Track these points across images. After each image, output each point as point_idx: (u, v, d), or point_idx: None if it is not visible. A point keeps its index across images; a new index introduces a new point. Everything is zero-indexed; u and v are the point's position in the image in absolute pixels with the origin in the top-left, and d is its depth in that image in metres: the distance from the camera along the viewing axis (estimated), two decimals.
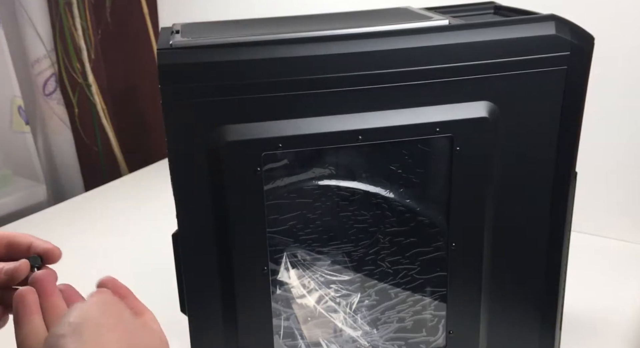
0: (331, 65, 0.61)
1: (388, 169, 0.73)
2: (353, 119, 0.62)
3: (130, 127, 1.61)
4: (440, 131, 0.64)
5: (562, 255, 0.71)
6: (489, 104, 0.64)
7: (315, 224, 0.76)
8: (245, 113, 0.61)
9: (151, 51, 1.57)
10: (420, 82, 0.62)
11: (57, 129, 1.48)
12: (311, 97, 0.61)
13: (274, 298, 0.73)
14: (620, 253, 1.07)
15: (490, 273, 0.70)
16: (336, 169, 0.74)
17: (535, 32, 0.63)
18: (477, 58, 0.62)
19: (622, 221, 1.09)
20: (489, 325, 0.72)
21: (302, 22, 0.71)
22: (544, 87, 0.64)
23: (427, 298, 0.75)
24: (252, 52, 0.60)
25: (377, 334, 0.75)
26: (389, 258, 0.75)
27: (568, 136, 0.67)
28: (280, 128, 0.61)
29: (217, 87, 0.60)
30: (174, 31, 0.66)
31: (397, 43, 0.62)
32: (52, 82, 1.45)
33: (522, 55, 0.63)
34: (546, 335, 0.74)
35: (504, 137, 0.65)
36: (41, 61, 1.43)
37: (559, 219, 0.69)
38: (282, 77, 0.60)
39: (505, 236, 0.69)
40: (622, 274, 1.01)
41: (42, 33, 1.41)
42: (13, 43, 1.38)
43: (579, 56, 0.64)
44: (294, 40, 0.61)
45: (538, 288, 0.72)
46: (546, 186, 0.68)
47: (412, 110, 0.63)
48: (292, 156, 0.70)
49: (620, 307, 0.92)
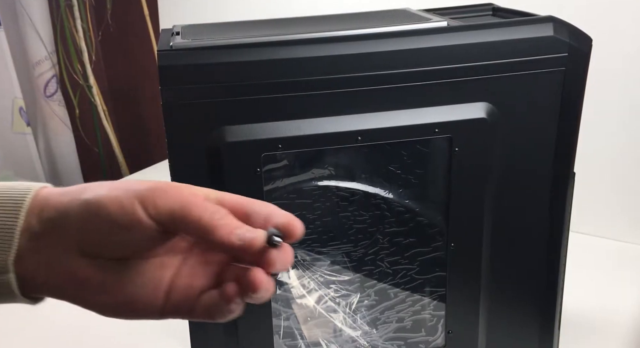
0: (330, 66, 0.61)
1: (387, 170, 0.73)
2: (352, 120, 0.63)
3: (131, 129, 1.61)
4: (439, 132, 0.64)
5: (560, 255, 0.71)
6: (488, 105, 0.64)
7: (314, 224, 0.76)
8: (245, 114, 0.61)
9: (151, 53, 1.57)
10: (419, 84, 0.62)
11: (58, 130, 1.49)
12: (311, 99, 0.61)
13: (274, 298, 0.73)
14: (619, 253, 1.07)
15: (489, 273, 0.70)
16: (335, 169, 0.74)
17: (533, 33, 0.63)
18: (475, 59, 0.63)
19: (620, 222, 1.09)
20: (488, 325, 0.72)
21: (302, 24, 0.71)
22: (542, 88, 0.64)
23: (426, 298, 0.75)
24: (251, 53, 0.60)
25: (376, 334, 0.76)
26: (388, 258, 0.75)
27: (566, 136, 0.67)
28: (280, 129, 0.62)
29: (217, 89, 0.60)
30: (175, 33, 0.66)
31: (395, 44, 0.62)
32: (53, 83, 1.45)
33: (521, 56, 0.63)
34: (545, 335, 0.74)
35: (503, 138, 0.65)
36: (42, 62, 1.43)
37: (557, 219, 0.70)
38: (282, 78, 0.61)
39: (504, 236, 0.69)
40: (621, 274, 1.01)
41: (43, 35, 1.41)
42: (14, 45, 1.39)
43: (577, 58, 0.64)
44: (293, 41, 0.62)
45: (537, 288, 0.72)
46: (544, 186, 0.68)
47: (411, 111, 0.63)
48: (291, 157, 0.70)
49: (619, 307, 0.92)
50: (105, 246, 0.39)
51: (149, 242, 0.39)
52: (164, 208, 0.37)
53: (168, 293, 0.40)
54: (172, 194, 0.38)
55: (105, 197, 0.38)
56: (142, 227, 0.38)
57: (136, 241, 0.39)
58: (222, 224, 0.38)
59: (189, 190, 0.39)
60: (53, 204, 0.39)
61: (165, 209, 0.37)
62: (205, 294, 0.40)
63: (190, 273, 0.41)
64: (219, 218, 0.38)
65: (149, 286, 0.40)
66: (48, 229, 0.39)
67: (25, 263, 0.39)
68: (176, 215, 0.37)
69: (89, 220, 0.38)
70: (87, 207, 0.38)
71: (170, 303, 0.40)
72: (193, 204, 0.38)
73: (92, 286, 0.39)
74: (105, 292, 0.39)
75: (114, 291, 0.39)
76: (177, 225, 0.38)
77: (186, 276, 0.41)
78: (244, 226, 0.38)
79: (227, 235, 0.37)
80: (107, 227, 0.38)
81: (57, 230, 0.39)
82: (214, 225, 0.37)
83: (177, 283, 0.40)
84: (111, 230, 0.38)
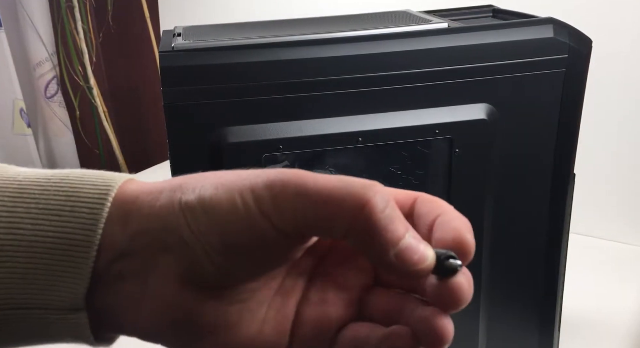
0: (331, 67, 0.61)
1: (388, 171, 0.73)
2: (353, 121, 0.63)
3: (132, 130, 1.62)
4: (439, 133, 0.64)
5: (560, 256, 0.71)
6: (488, 107, 0.64)
7: None
8: (246, 115, 0.61)
9: (152, 54, 1.57)
10: (419, 85, 0.63)
11: (59, 132, 1.49)
12: (311, 99, 0.61)
13: None
14: (619, 255, 1.07)
15: (489, 274, 0.70)
16: (336, 170, 0.74)
17: (533, 35, 0.63)
18: (475, 61, 0.63)
19: (620, 223, 1.09)
20: (488, 326, 0.73)
21: (303, 25, 0.71)
22: (542, 89, 0.65)
23: None
24: (253, 54, 0.60)
25: None
26: None
27: (566, 138, 0.67)
28: (281, 130, 0.62)
29: (218, 90, 0.60)
30: (176, 34, 0.66)
31: (396, 46, 0.62)
32: (54, 84, 1.45)
33: (521, 58, 0.63)
34: (545, 336, 0.74)
35: (503, 139, 0.66)
36: (43, 63, 1.43)
37: (557, 220, 0.70)
38: (283, 79, 0.61)
39: (504, 237, 0.69)
40: (621, 276, 1.01)
41: (44, 36, 1.41)
42: (15, 46, 1.39)
43: (577, 59, 0.64)
44: (294, 43, 0.62)
45: (537, 289, 0.72)
46: (545, 188, 0.68)
47: (411, 112, 0.63)
48: (292, 158, 0.70)
49: (619, 308, 0.92)
50: (216, 272, 0.27)
51: (276, 254, 0.27)
52: (294, 194, 0.26)
53: (295, 326, 0.29)
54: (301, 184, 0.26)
55: (216, 196, 0.27)
56: (267, 233, 0.26)
57: (260, 256, 0.27)
58: (382, 223, 0.25)
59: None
60: (145, 209, 0.28)
61: (294, 198, 0.26)
62: (348, 329, 0.28)
63: (320, 299, 0.29)
64: (381, 211, 0.25)
65: (270, 322, 0.29)
66: (139, 246, 0.28)
67: (104, 296, 0.28)
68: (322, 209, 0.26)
69: (202, 232, 0.26)
70: (193, 212, 0.27)
71: (300, 341, 0.29)
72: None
73: (202, 327, 0.28)
74: (217, 333, 0.28)
75: (229, 332, 0.28)
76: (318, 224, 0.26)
77: (315, 303, 0.29)
78: (411, 235, 0.26)
79: (385, 243, 0.25)
80: (223, 239, 0.26)
81: (152, 247, 0.27)
82: (375, 221, 0.25)
83: (305, 312, 0.29)
84: (229, 246, 0.26)
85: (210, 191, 0.27)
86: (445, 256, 0.25)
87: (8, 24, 1.37)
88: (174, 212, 0.27)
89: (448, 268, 0.25)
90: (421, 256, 0.25)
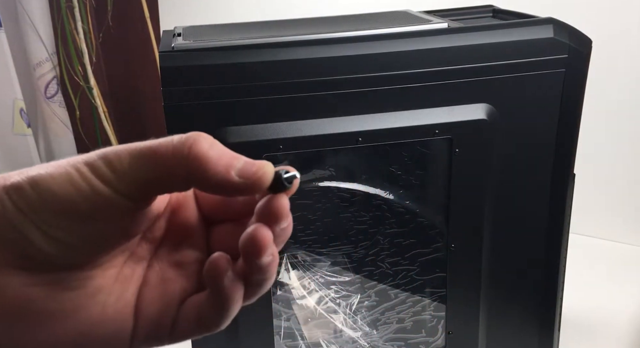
0: (332, 67, 0.61)
1: (388, 171, 0.73)
2: (353, 121, 0.63)
3: (132, 130, 1.62)
4: (439, 133, 0.64)
5: (560, 256, 0.71)
6: (488, 107, 0.64)
7: (315, 225, 0.76)
8: (246, 115, 0.61)
9: (152, 54, 1.57)
10: (419, 85, 0.63)
11: (59, 132, 1.49)
12: (311, 100, 0.62)
13: (275, 299, 0.74)
14: (619, 255, 1.07)
15: (489, 274, 0.70)
16: (336, 170, 0.74)
17: (533, 35, 0.63)
18: (476, 61, 0.63)
19: (620, 223, 1.10)
20: (488, 326, 0.73)
21: (303, 26, 0.71)
22: (542, 89, 0.65)
23: (426, 299, 0.75)
24: (253, 55, 0.60)
25: (377, 335, 0.76)
26: (388, 259, 0.75)
27: (566, 138, 0.67)
28: (281, 130, 0.62)
29: (218, 90, 0.60)
30: (176, 34, 0.66)
31: (396, 46, 0.62)
32: (54, 85, 1.46)
33: (521, 58, 0.63)
34: (545, 336, 0.74)
35: (503, 139, 0.66)
36: (43, 64, 1.43)
37: (557, 220, 0.70)
38: (283, 79, 0.61)
39: (504, 237, 0.70)
40: (620, 276, 1.01)
41: (44, 36, 1.41)
42: (15, 46, 1.39)
43: (577, 59, 0.64)
44: (294, 43, 0.62)
45: (537, 289, 0.72)
46: (544, 188, 0.68)
47: (411, 112, 0.64)
48: (292, 158, 0.70)
49: (618, 308, 0.93)
50: (55, 251, 0.27)
51: (122, 223, 0.28)
52: (128, 157, 0.27)
53: (138, 309, 0.29)
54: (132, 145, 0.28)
55: (46, 173, 0.26)
56: (104, 199, 0.26)
57: (97, 231, 0.27)
58: (214, 155, 0.27)
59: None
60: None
61: (129, 160, 0.27)
62: (189, 298, 0.30)
63: (161, 279, 0.30)
64: (209, 148, 0.28)
65: (111, 308, 0.29)
66: None
67: None
68: (145, 160, 0.27)
69: (33, 208, 0.26)
70: (19, 191, 0.26)
71: (144, 321, 0.29)
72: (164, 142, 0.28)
73: (37, 315, 0.27)
74: (57, 320, 0.27)
75: (67, 320, 0.28)
76: (149, 173, 0.27)
77: (156, 284, 0.30)
78: (243, 157, 0.28)
79: (224, 169, 0.27)
80: (59, 214, 0.26)
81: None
82: (206, 156, 0.27)
83: (146, 294, 0.30)
84: (67, 217, 0.26)
85: (39, 171, 0.27)
86: (284, 171, 0.29)
87: (8, 24, 1.37)
88: (10, 194, 0.26)
89: (288, 179, 0.28)
90: (259, 165, 0.28)
